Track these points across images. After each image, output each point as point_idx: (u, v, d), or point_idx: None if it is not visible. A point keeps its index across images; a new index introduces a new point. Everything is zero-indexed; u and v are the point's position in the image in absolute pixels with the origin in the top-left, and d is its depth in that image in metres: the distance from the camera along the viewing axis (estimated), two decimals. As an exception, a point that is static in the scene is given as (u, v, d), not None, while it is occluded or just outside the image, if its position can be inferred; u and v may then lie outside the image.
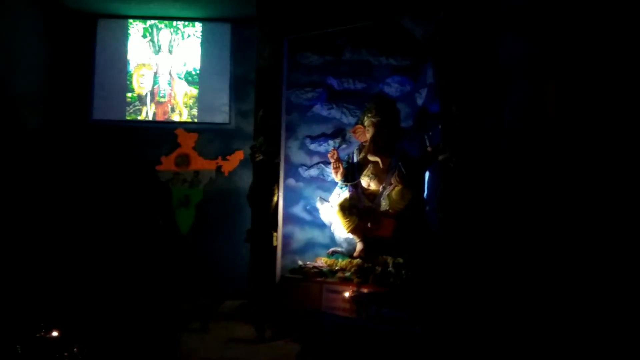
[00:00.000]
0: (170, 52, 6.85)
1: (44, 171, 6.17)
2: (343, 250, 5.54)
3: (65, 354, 3.46)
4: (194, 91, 6.83)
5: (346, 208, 5.34)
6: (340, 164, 5.50)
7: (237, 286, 5.41)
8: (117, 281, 5.67)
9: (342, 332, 3.92)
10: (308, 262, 5.36)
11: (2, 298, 4.53)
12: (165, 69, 6.85)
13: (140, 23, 6.85)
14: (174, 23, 6.86)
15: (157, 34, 6.87)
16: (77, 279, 5.55)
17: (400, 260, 4.96)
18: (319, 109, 6.07)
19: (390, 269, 4.89)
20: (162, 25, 6.87)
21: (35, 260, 5.55)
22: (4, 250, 5.21)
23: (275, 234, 5.24)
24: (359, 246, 5.38)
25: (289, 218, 5.89)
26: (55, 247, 5.88)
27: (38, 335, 3.54)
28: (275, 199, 5.28)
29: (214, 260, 6.15)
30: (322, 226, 5.85)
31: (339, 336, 3.88)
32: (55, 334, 3.60)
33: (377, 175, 5.41)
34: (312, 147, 6.07)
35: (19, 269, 5.24)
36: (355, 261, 5.20)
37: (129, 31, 6.84)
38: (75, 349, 3.55)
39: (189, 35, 6.86)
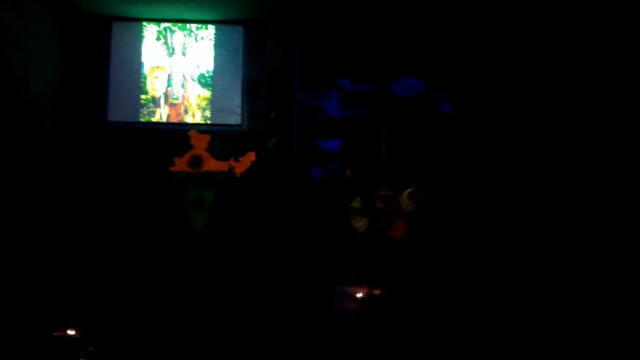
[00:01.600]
0: (183, 54, 6.91)
1: (59, 172, 6.25)
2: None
3: (82, 352, 3.52)
4: (207, 93, 6.88)
5: (358, 209, 5.36)
6: (352, 166, 5.51)
7: (247, 285, 5.45)
8: (130, 282, 5.73)
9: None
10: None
11: (20, 298, 4.60)
12: (178, 71, 6.91)
13: (154, 26, 6.91)
14: (188, 26, 6.91)
15: (171, 37, 6.92)
16: (92, 279, 5.62)
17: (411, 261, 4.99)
18: (331, 110, 6.07)
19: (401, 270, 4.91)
20: (176, 28, 6.92)
21: (51, 261, 5.62)
22: (22, 250, 5.28)
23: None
24: (371, 247, 5.39)
25: (300, 219, 5.90)
26: (71, 247, 5.95)
27: (55, 334, 3.60)
28: (286, 200, 5.31)
29: (225, 260, 6.17)
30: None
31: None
32: (72, 333, 3.65)
33: (389, 177, 5.42)
34: (324, 148, 6.08)
35: (36, 269, 5.31)
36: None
37: (143, 34, 6.91)
38: (91, 349, 3.60)
39: (202, 38, 6.91)
